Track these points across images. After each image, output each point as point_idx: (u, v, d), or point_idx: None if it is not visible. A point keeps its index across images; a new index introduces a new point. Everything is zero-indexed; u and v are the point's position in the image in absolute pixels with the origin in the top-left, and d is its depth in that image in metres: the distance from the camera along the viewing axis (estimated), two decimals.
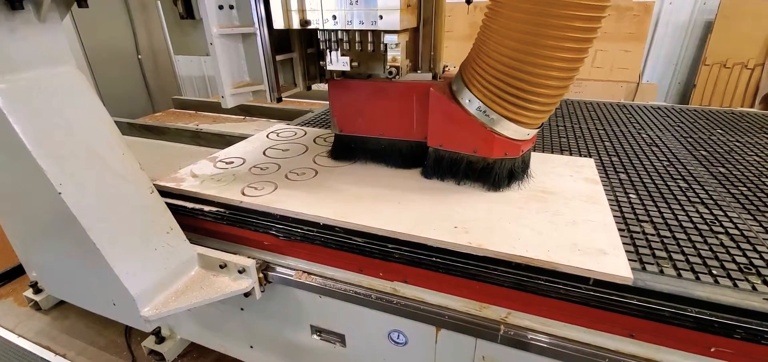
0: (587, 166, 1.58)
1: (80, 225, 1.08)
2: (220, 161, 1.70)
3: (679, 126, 2.16)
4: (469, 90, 1.28)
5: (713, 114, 2.38)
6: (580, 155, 1.75)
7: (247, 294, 1.30)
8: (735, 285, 0.95)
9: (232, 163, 1.69)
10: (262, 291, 1.34)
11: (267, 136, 2.01)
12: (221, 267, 1.30)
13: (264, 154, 1.78)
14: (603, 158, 1.73)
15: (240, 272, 1.29)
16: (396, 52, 1.19)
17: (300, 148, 1.82)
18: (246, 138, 2.02)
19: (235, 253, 1.36)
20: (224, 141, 2.12)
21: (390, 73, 1.22)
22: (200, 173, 1.59)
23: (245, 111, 2.89)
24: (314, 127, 2.18)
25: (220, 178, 1.54)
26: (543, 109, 1.21)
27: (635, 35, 3.90)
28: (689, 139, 1.96)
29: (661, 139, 1.96)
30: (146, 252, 1.19)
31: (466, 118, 1.30)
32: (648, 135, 2.02)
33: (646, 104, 2.58)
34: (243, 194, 1.39)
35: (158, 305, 1.17)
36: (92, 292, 1.27)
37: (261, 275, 1.32)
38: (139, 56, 5.03)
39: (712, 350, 0.92)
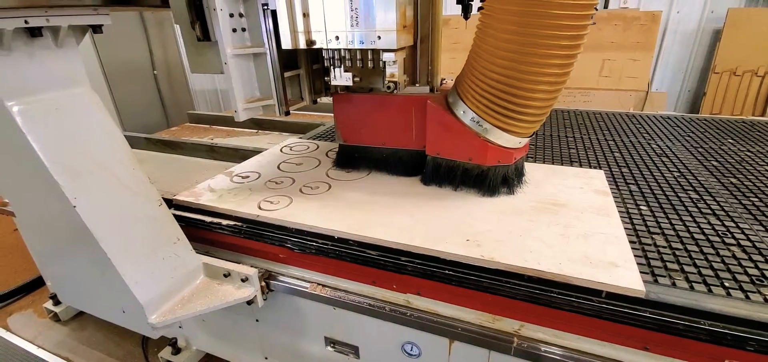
0: (597, 177, 1.59)
1: (93, 236, 1.14)
2: (236, 175, 1.75)
3: (689, 136, 2.17)
4: (463, 102, 1.36)
5: (724, 123, 2.37)
6: (590, 166, 1.76)
7: (249, 302, 1.33)
8: (747, 297, 0.96)
9: (248, 177, 1.73)
10: (264, 299, 1.37)
11: (281, 150, 2.06)
12: (225, 275, 1.35)
13: (278, 168, 1.82)
14: (613, 169, 1.73)
15: (243, 281, 1.33)
16: (394, 69, 1.28)
17: (313, 162, 1.86)
18: (260, 152, 2.07)
19: (247, 264, 1.38)
20: (239, 155, 2.16)
21: (389, 87, 1.31)
22: (217, 187, 1.63)
23: (258, 125, 2.95)
24: (326, 140, 2.22)
25: (237, 192, 1.59)
26: (533, 119, 1.29)
27: (643, 44, 3.90)
28: (700, 149, 1.96)
29: (671, 150, 1.96)
30: (154, 262, 1.24)
31: (461, 129, 1.39)
32: (658, 145, 2.03)
33: (655, 114, 2.59)
34: (259, 208, 1.43)
35: (165, 312, 1.22)
36: (103, 300, 1.32)
37: (263, 284, 1.37)
38: (155, 72, 5.16)
39: None
